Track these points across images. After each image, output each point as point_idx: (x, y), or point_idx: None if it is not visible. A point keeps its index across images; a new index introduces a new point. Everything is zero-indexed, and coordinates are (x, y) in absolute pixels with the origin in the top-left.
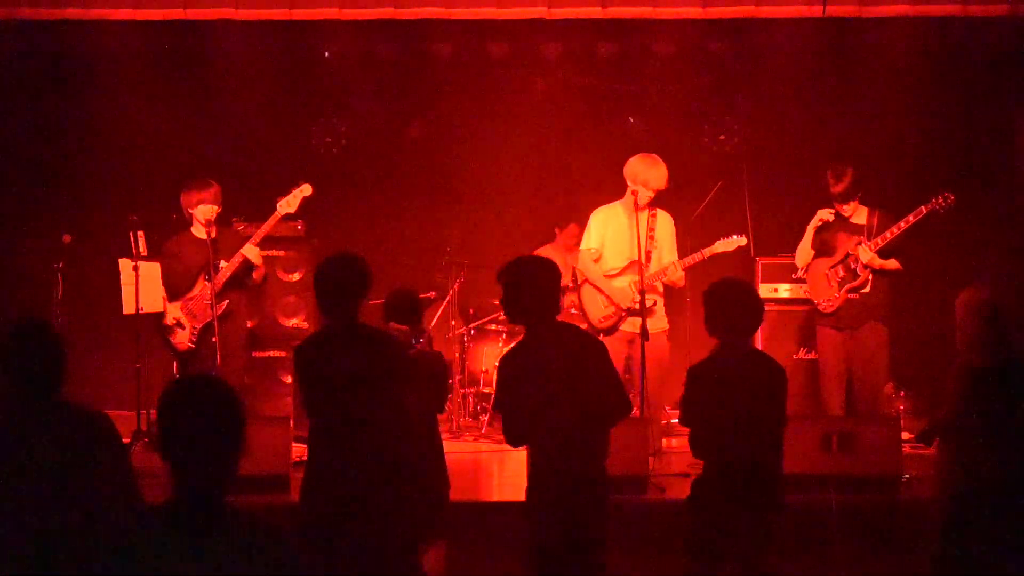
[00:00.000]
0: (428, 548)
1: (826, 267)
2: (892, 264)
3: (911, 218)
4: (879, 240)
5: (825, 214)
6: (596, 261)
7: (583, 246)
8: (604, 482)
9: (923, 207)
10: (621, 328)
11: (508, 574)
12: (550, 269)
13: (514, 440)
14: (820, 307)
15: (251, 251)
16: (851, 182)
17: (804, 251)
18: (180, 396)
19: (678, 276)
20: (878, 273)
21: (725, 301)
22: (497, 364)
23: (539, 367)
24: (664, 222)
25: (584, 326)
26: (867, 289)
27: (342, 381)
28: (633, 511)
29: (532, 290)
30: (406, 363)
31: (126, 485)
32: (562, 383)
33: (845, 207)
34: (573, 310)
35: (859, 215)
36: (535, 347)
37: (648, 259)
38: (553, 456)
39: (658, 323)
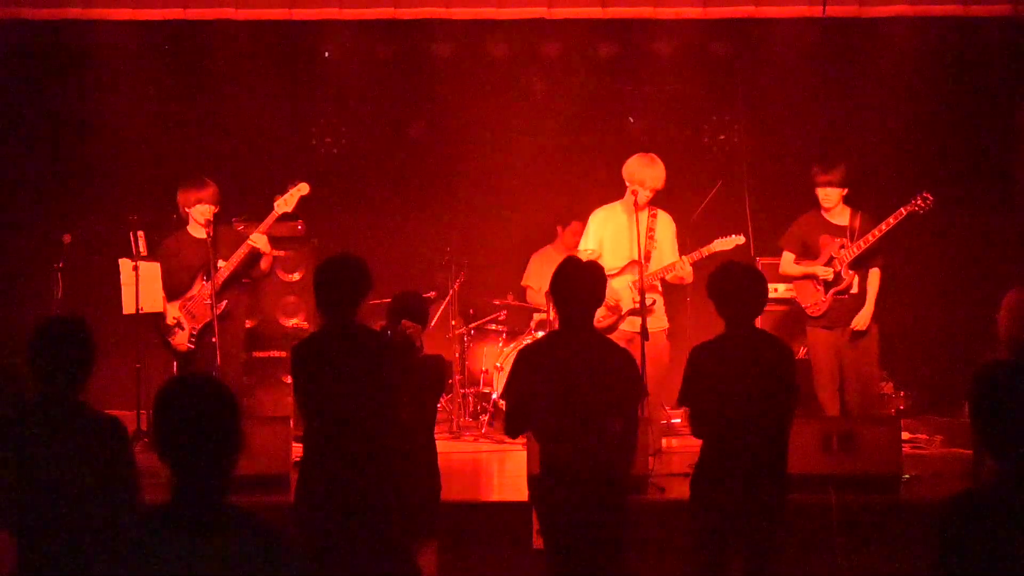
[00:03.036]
0: (420, 548)
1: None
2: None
3: (891, 220)
4: (861, 243)
5: (821, 271)
6: None
7: (580, 247)
8: (619, 484)
9: (903, 208)
10: (620, 327)
11: (507, 574)
12: (592, 275)
13: (511, 431)
14: (808, 311)
15: (259, 239)
16: (843, 171)
17: (789, 271)
18: (175, 395)
19: (686, 272)
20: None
21: (729, 283)
22: (516, 353)
23: (560, 364)
24: (665, 222)
25: None
26: (855, 290)
27: (337, 381)
28: (633, 511)
29: (572, 291)
30: (402, 365)
31: (128, 494)
32: (580, 384)
33: (830, 205)
34: None
35: (842, 216)
36: (560, 345)
37: (648, 259)
38: (559, 454)
39: (658, 322)
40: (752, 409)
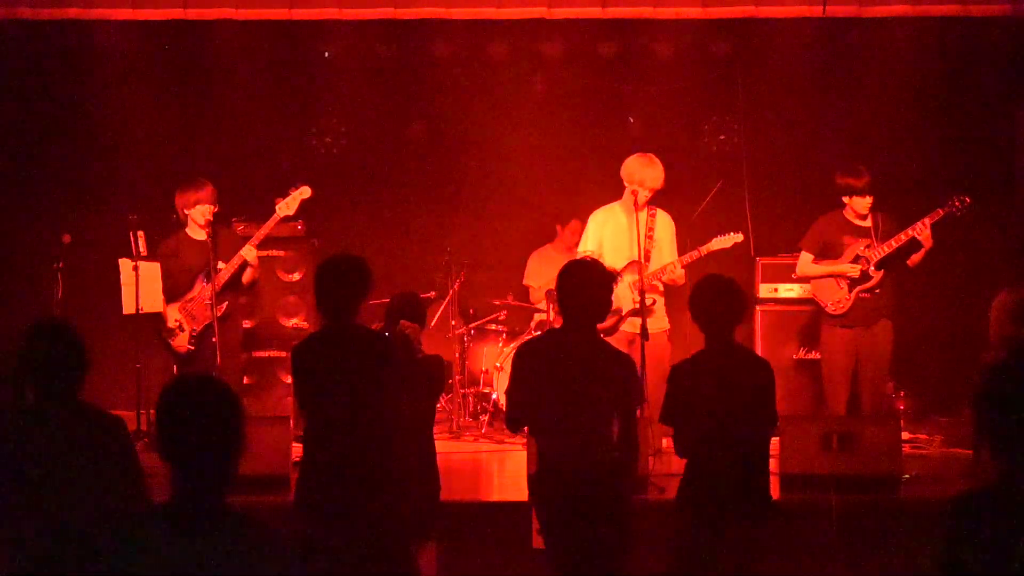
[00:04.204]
0: (420, 548)
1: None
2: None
3: (927, 220)
4: (893, 242)
5: (849, 268)
6: None
7: (580, 248)
8: (615, 483)
9: (940, 209)
10: (622, 328)
11: (507, 574)
12: (599, 275)
13: (510, 425)
14: (829, 309)
15: (249, 252)
16: (870, 176)
17: (808, 272)
18: (178, 396)
19: (678, 274)
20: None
21: (706, 297)
22: (516, 349)
23: (558, 363)
24: (664, 222)
25: None
26: (879, 289)
27: (337, 382)
28: (635, 511)
29: (582, 293)
30: (402, 365)
31: (136, 491)
32: (575, 383)
33: (865, 211)
34: None
35: (864, 217)
36: (560, 344)
37: (648, 259)
38: (553, 451)
39: (659, 323)
40: (732, 428)
